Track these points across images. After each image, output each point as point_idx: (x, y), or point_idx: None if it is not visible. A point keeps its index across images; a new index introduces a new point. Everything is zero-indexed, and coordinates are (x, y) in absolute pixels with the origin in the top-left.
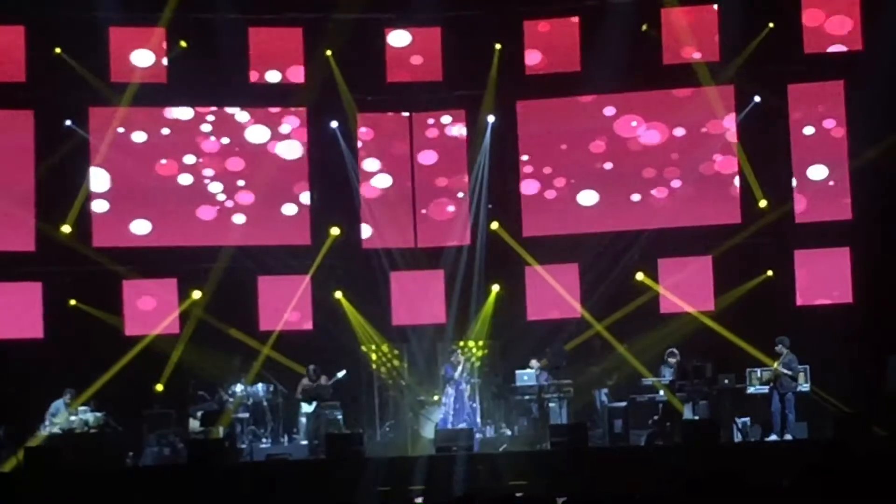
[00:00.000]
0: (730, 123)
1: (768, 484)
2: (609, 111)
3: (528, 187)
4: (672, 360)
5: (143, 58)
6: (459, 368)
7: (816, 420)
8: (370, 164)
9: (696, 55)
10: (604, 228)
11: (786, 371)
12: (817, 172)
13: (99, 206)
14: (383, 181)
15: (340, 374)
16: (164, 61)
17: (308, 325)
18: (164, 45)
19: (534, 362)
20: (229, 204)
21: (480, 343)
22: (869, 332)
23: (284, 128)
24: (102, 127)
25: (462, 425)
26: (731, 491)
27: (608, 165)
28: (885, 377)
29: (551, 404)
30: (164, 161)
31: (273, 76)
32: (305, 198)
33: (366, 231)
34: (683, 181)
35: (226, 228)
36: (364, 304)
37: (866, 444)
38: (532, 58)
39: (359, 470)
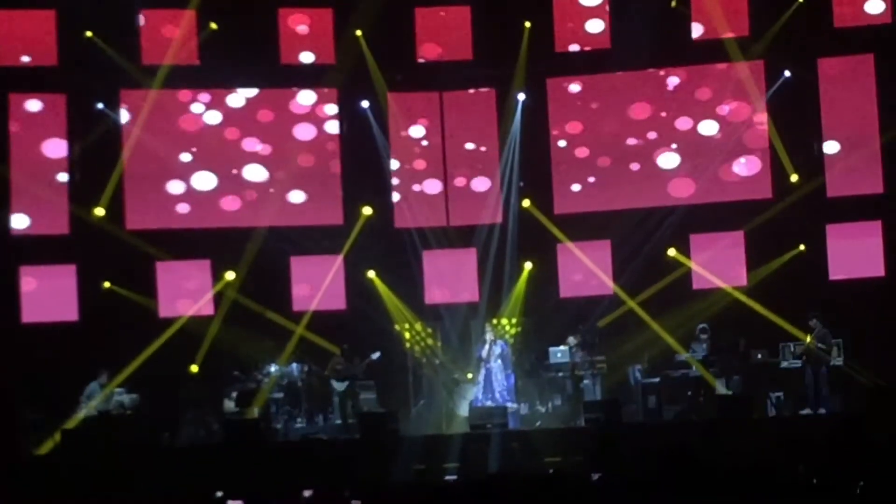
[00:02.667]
0: (760, 99)
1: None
2: (640, 88)
3: (559, 164)
4: (704, 336)
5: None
6: (486, 347)
7: (851, 394)
8: (401, 143)
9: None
10: (635, 205)
11: (819, 345)
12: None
13: (133, 188)
14: (415, 160)
15: (374, 355)
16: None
17: (341, 305)
18: (195, 26)
19: (570, 339)
20: (261, 184)
21: (513, 321)
22: None
23: (316, 108)
24: (134, 109)
25: (489, 403)
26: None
27: (638, 142)
28: None
29: (585, 381)
30: (195, 142)
31: (304, 57)
32: (337, 178)
33: (398, 210)
34: (714, 156)
35: (258, 209)
36: (397, 283)
37: None
38: (562, 35)
39: (393, 449)
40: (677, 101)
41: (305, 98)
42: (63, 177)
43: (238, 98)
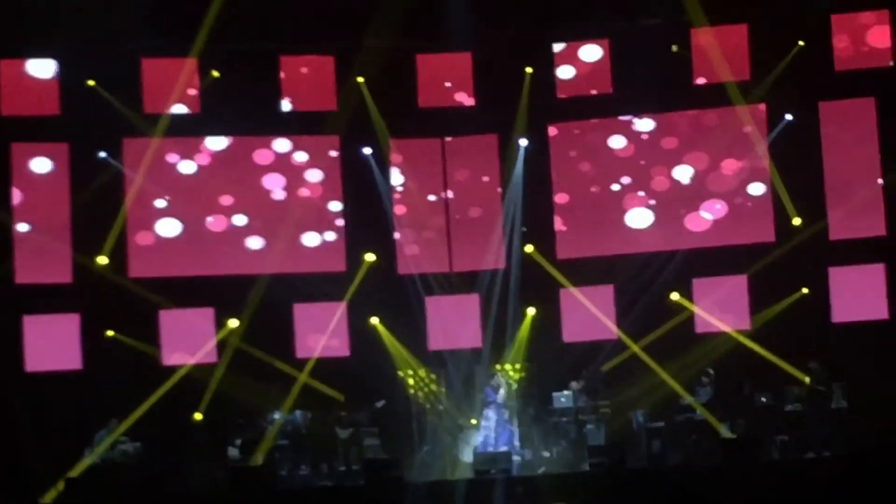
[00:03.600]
0: (762, 142)
1: None
2: (641, 134)
3: (562, 210)
4: (707, 380)
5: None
6: (501, 392)
7: (854, 436)
8: (403, 189)
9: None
10: (638, 250)
11: (819, 388)
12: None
13: (136, 237)
14: (417, 207)
15: (379, 403)
16: (196, 91)
17: (345, 352)
18: (197, 75)
19: (573, 384)
20: (263, 232)
21: (517, 366)
22: None
23: (317, 155)
24: (136, 158)
25: (503, 448)
26: None
27: (639, 189)
28: None
29: (589, 426)
30: (198, 190)
31: (305, 104)
32: (340, 225)
33: (401, 256)
34: (716, 201)
35: (261, 257)
36: (400, 329)
37: None
38: (563, 81)
39: (398, 495)
40: (681, 145)
41: (307, 145)
42: (65, 225)
43: (238, 146)
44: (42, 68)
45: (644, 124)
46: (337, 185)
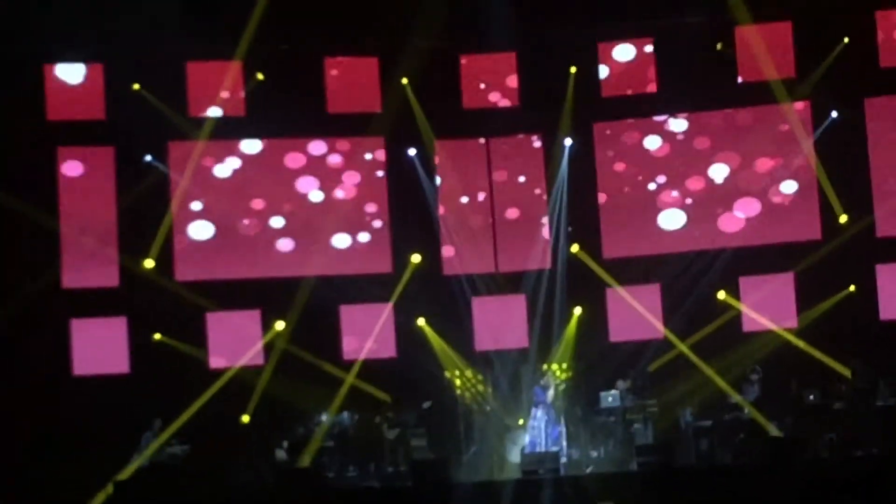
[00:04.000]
0: (808, 140)
1: None
2: (686, 133)
3: (608, 209)
4: (754, 378)
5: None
6: (551, 391)
7: None
8: (448, 190)
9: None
10: (684, 248)
11: (863, 386)
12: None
13: (183, 240)
14: (462, 207)
15: (426, 405)
16: (241, 94)
17: (392, 353)
18: (241, 77)
19: (620, 383)
20: (311, 234)
21: (564, 366)
22: None
23: (363, 156)
24: (182, 161)
25: (554, 448)
26: None
27: (686, 185)
28: None
29: (636, 425)
30: (241, 192)
31: (350, 106)
32: (385, 226)
33: (447, 257)
34: (762, 198)
35: (307, 258)
36: (447, 330)
37: None
38: (607, 80)
39: (445, 496)
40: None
41: (353, 146)
42: (112, 229)
43: (282, 148)
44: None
45: (678, 124)
46: (382, 186)
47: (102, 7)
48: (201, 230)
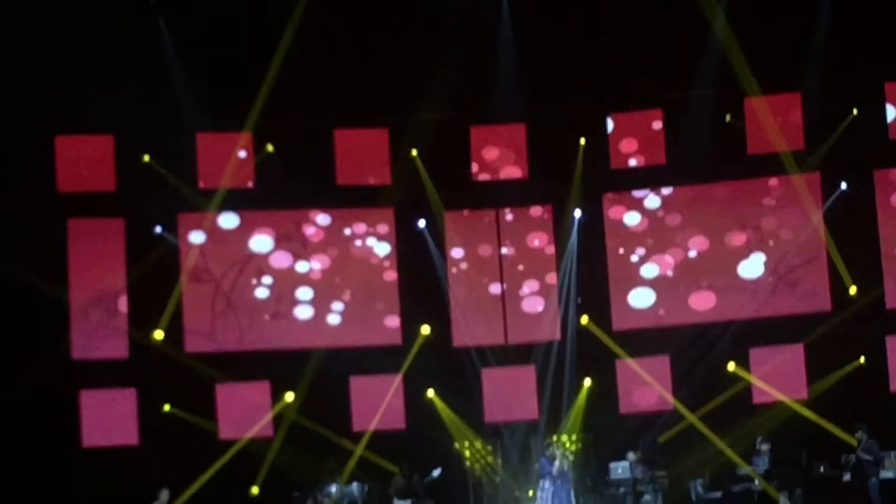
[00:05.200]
0: (817, 210)
1: None
2: (692, 202)
3: (625, 279)
4: (765, 448)
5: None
6: (557, 462)
7: None
8: (458, 261)
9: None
10: (694, 320)
11: (866, 457)
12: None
13: (190, 313)
14: (471, 279)
15: (436, 472)
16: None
17: (401, 425)
18: (251, 148)
19: (630, 454)
20: (319, 306)
21: (574, 437)
22: None
23: (373, 229)
24: (192, 233)
25: None
26: None
27: (707, 255)
28: None
29: (646, 496)
30: (254, 263)
31: (359, 177)
32: (395, 297)
33: (456, 328)
34: (774, 269)
35: (316, 330)
36: (456, 401)
37: None
38: (617, 152)
39: None
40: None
41: (362, 218)
42: (122, 301)
43: (293, 219)
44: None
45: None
46: (392, 257)
47: (113, 78)
48: (222, 302)
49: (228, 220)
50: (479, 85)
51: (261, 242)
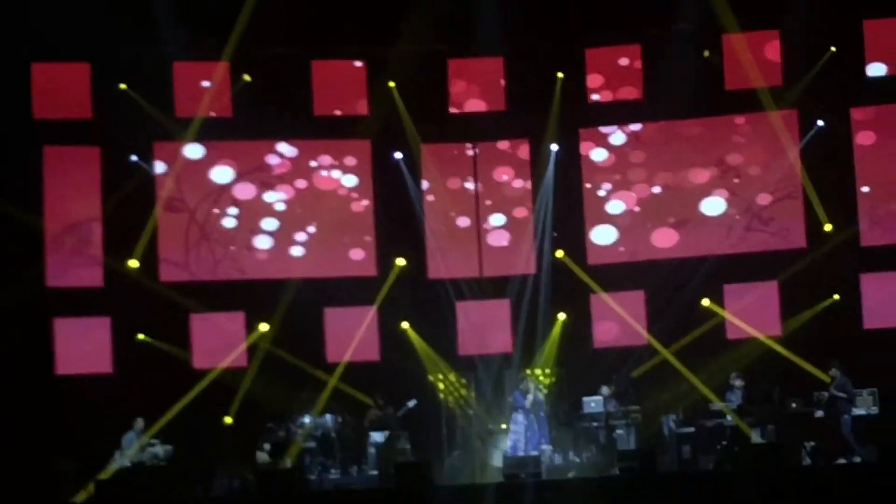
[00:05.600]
0: (793, 147)
1: None
2: (669, 137)
3: (593, 214)
4: (738, 384)
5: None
6: (530, 396)
7: (885, 444)
8: (434, 193)
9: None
10: (669, 255)
11: (840, 393)
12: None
13: (167, 241)
14: (448, 211)
15: (410, 403)
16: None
17: (375, 356)
18: (228, 79)
19: (603, 389)
20: (296, 237)
21: (547, 371)
22: None
23: (349, 160)
24: (168, 161)
25: (534, 452)
26: None
27: (671, 192)
28: None
29: (619, 431)
30: (230, 193)
31: (337, 109)
32: (371, 229)
33: (432, 261)
34: (748, 207)
35: (292, 261)
36: (430, 334)
37: None
38: (594, 86)
39: (427, 498)
40: (709, 150)
41: (339, 149)
42: (97, 229)
43: (271, 150)
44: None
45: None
46: (368, 189)
47: (90, 6)
48: (198, 232)
49: (202, 151)
50: (457, 18)
51: (231, 173)
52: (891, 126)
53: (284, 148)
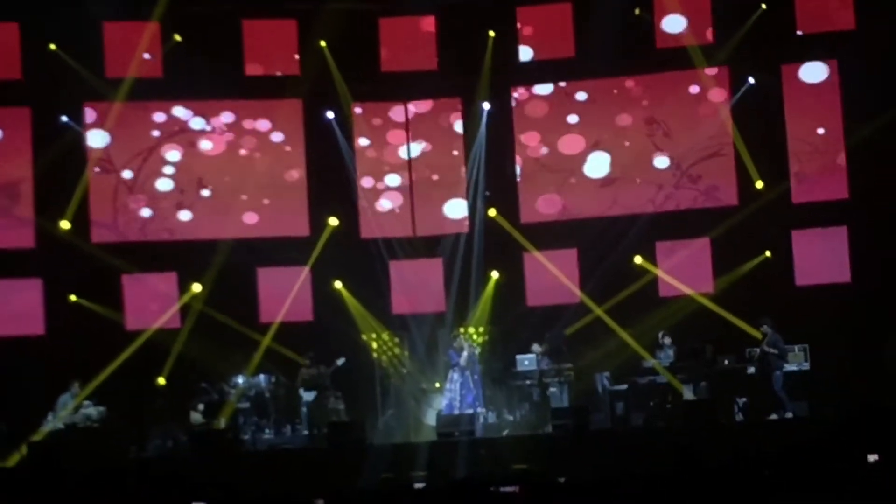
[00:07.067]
0: (724, 105)
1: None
2: (600, 95)
3: (524, 173)
4: (667, 342)
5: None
6: (465, 354)
7: (816, 399)
8: (366, 153)
9: (689, 37)
10: (600, 213)
11: (771, 349)
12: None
13: (97, 203)
14: (380, 171)
15: (339, 361)
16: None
17: (308, 316)
18: (159, 39)
19: (535, 347)
20: (228, 197)
21: (481, 329)
22: (868, 310)
23: (280, 120)
24: (98, 122)
25: (469, 410)
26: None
27: (605, 149)
28: (884, 356)
29: (552, 389)
30: (159, 154)
31: (268, 68)
32: (303, 189)
33: (364, 220)
34: (678, 164)
35: (224, 221)
36: (364, 293)
37: None
38: (525, 44)
39: (361, 457)
40: (640, 107)
41: (270, 108)
42: (28, 190)
43: (201, 110)
44: None
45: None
46: (300, 149)
47: None
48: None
49: (132, 110)
50: None
51: (163, 133)
52: (821, 83)
53: (214, 108)
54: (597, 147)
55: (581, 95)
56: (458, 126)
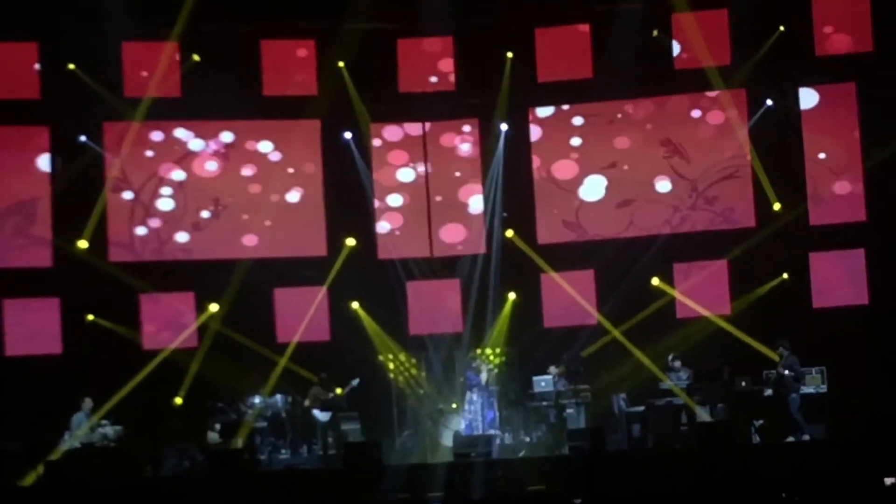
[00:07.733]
0: (741, 126)
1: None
2: (623, 117)
3: (542, 195)
4: (677, 365)
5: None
6: (483, 375)
7: (834, 421)
8: (384, 173)
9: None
10: (617, 234)
11: (787, 372)
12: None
13: (116, 222)
14: (398, 190)
15: (354, 382)
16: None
17: (325, 336)
18: (178, 58)
19: (552, 368)
20: (245, 217)
21: (497, 350)
22: (885, 332)
23: (297, 140)
24: (117, 142)
25: (490, 430)
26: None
27: (622, 170)
28: None
29: (569, 410)
30: (176, 173)
31: (286, 89)
32: (321, 209)
33: (381, 241)
34: (695, 185)
35: (240, 242)
36: (381, 314)
37: None
38: (544, 65)
39: (377, 478)
40: (661, 129)
41: (286, 130)
42: (46, 210)
43: (220, 130)
44: None
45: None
46: (318, 169)
47: None
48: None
49: (150, 130)
50: None
51: (181, 153)
52: (840, 106)
53: (230, 128)
54: (611, 168)
55: (596, 116)
56: (477, 147)
